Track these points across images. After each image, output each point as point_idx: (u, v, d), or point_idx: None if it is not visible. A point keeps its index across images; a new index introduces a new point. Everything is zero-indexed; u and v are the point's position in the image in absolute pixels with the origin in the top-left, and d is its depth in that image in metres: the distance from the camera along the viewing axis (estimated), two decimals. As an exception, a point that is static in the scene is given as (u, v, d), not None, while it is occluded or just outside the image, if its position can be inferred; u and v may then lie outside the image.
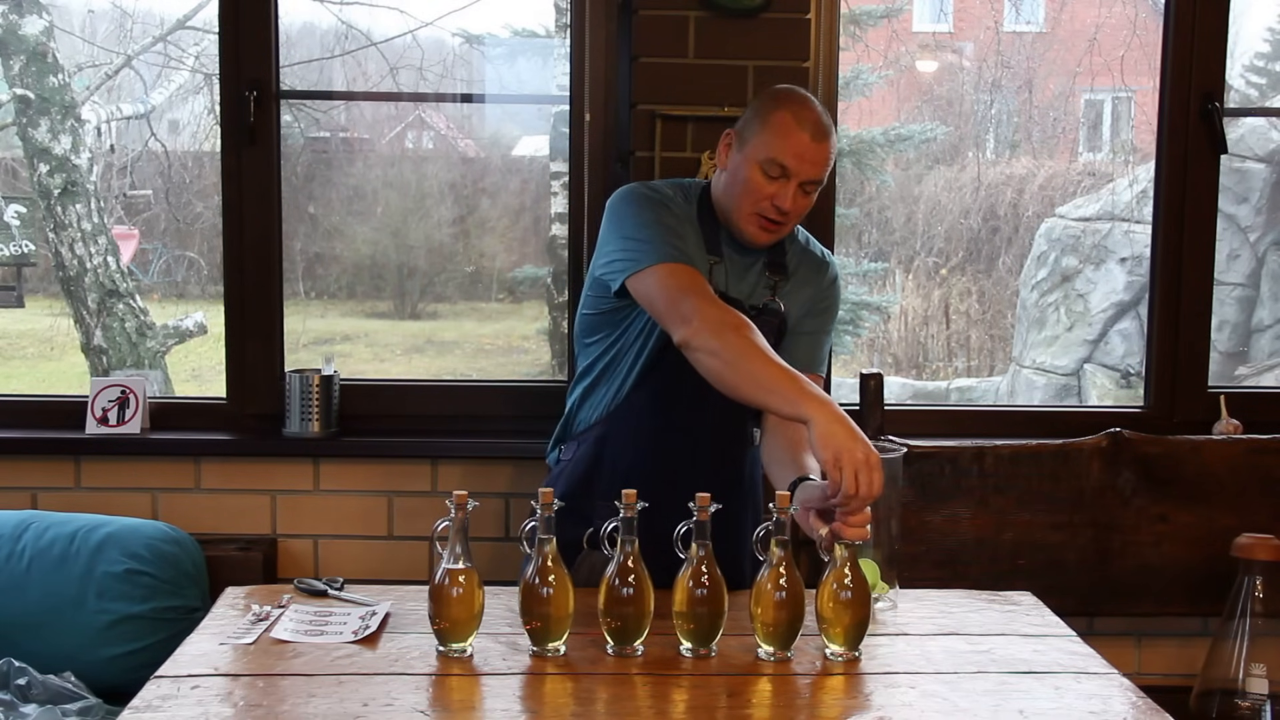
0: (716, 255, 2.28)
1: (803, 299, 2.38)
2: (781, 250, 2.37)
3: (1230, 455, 3.03)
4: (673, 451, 2.31)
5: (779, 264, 2.35)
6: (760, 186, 2.21)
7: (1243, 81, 6.69)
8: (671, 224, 2.24)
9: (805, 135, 2.19)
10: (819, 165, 2.21)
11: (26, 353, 6.10)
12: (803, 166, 2.19)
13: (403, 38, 4.73)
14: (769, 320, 2.32)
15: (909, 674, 1.89)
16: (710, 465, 2.30)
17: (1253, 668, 2.87)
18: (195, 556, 2.84)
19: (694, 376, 2.19)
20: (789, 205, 2.21)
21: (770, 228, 2.25)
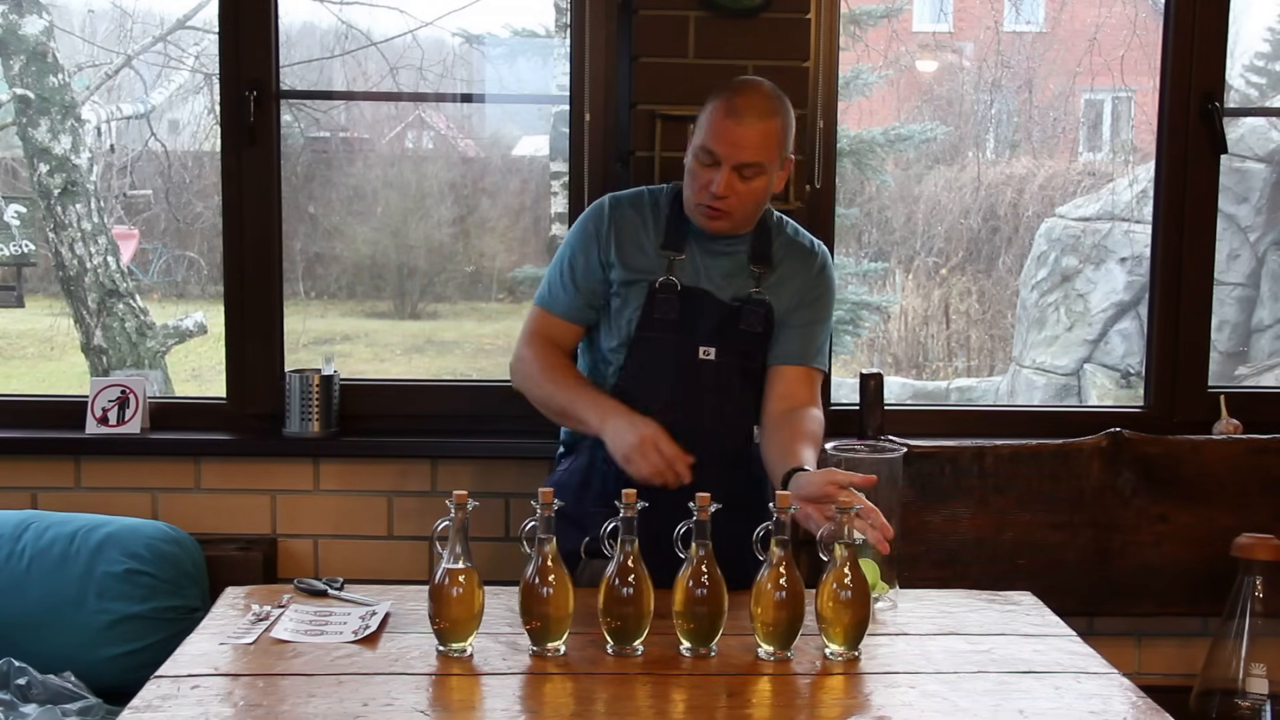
0: (676, 250, 2.31)
1: (792, 289, 2.37)
2: (766, 241, 2.36)
3: (1230, 455, 3.03)
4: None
5: (763, 255, 2.35)
6: (698, 175, 2.25)
7: (1243, 81, 6.69)
8: (577, 259, 2.37)
9: (731, 120, 2.21)
10: (746, 149, 2.21)
11: (26, 353, 6.10)
12: (729, 150, 2.21)
13: (403, 38, 4.74)
14: (755, 310, 2.32)
15: (909, 674, 1.89)
16: (708, 466, 2.28)
17: (1253, 668, 2.87)
18: (195, 556, 2.84)
19: (678, 379, 2.20)
20: (720, 190, 2.22)
21: (712, 214, 2.26)
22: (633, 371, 2.33)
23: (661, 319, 2.30)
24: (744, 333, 2.32)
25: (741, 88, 2.27)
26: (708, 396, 2.31)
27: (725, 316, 2.32)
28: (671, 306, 2.30)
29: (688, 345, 2.31)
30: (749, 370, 2.35)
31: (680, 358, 2.31)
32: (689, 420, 2.30)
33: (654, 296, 2.30)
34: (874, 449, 2.25)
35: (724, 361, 2.32)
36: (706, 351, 2.31)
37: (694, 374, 2.31)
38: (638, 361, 2.33)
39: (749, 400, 2.36)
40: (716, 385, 2.32)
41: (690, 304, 2.31)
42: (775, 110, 2.25)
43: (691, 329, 2.31)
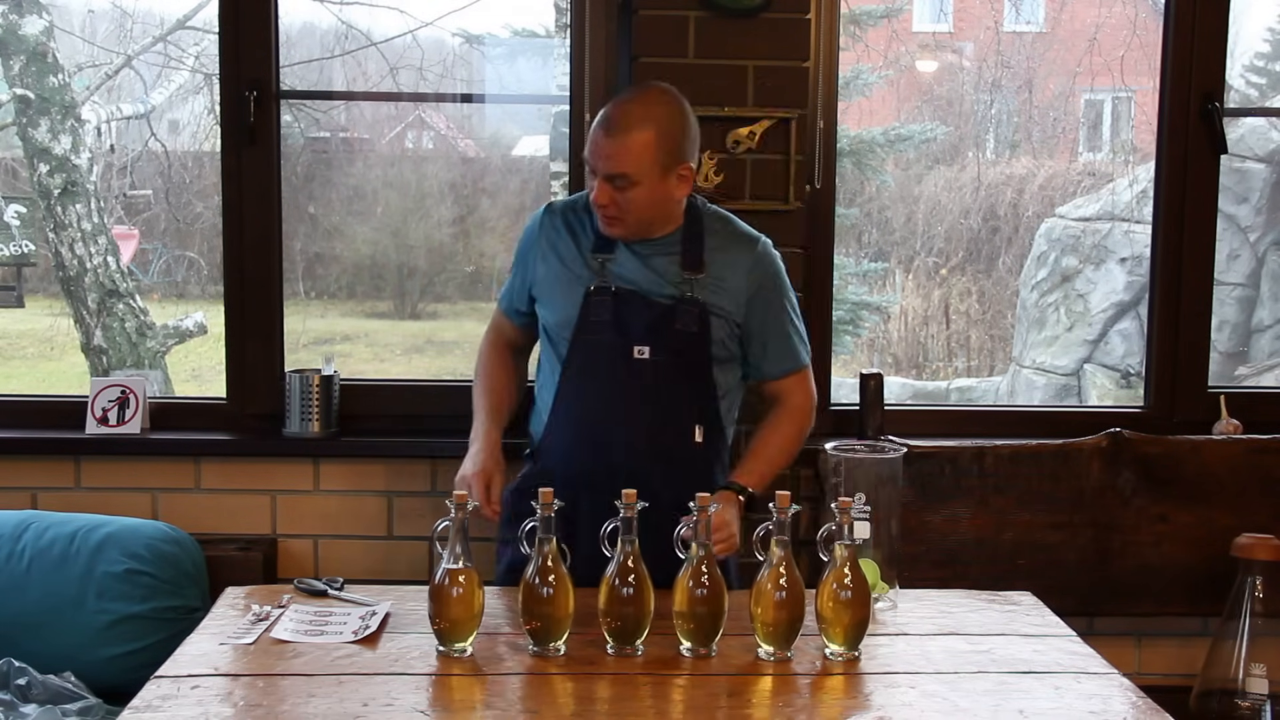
0: (608, 252, 2.36)
1: (735, 282, 2.37)
2: (698, 242, 2.37)
3: (1230, 455, 3.03)
4: (609, 459, 2.31)
5: (694, 257, 2.35)
6: (589, 184, 2.31)
7: (1243, 81, 6.69)
8: (518, 264, 2.50)
9: (600, 131, 2.27)
10: (610, 159, 2.24)
11: (26, 353, 6.10)
12: (597, 162, 2.27)
13: (403, 38, 4.74)
14: (689, 310, 2.33)
15: (909, 674, 1.89)
16: (648, 463, 2.29)
17: (1253, 668, 2.87)
18: (195, 556, 2.84)
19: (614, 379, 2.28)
20: (596, 199, 2.28)
21: (606, 221, 2.32)
22: (572, 373, 2.37)
23: (596, 320, 2.33)
24: (679, 332, 2.33)
25: (622, 98, 2.32)
26: (645, 395, 2.33)
27: (659, 316, 2.33)
28: (605, 308, 2.33)
29: (623, 345, 2.33)
30: (687, 368, 2.35)
31: (616, 358, 2.33)
32: (628, 419, 2.32)
33: (589, 299, 2.34)
34: (874, 449, 2.25)
35: (659, 360, 2.33)
36: (641, 351, 2.33)
37: (630, 373, 2.33)
38: (576, 363, 2.36)
39: (689, 398, 2.36)
40: (654, 384, 2.33)
41: (623, 305, 2.33)
42: (648, 120, 2.26)
43: (626, 329, 2.33)
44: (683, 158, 2.30)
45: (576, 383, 2.36)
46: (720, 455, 2.42)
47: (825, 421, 3.14)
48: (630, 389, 2.32)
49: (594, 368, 2.34)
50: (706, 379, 2.36)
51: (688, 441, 2.36)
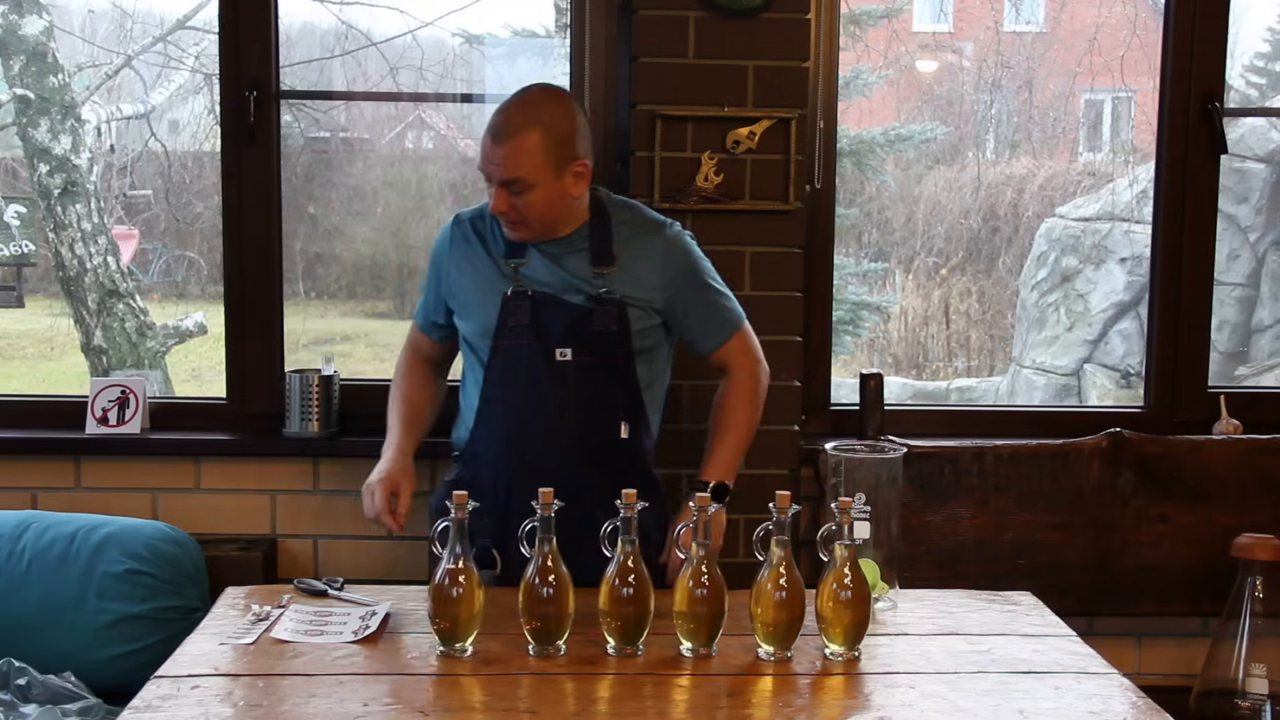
0: (519, 257, 2.36)
1: (648, 271, 2.37)
2: (605, 237, 2.37)
3: (1230, 455, 3.03)
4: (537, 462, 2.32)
5: (603, 252, 2.35)
6: (488, 191, 2.32)
7: (1243, 81, 6.69)
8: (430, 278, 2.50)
9: (488, 139, 2.28)
10: (500, 165, 2.25)
11: (26, 353, 6.10)
12: (491, 169, 2.27)
13: (403, 38, 4.73)
14: (607, 310, 2.33)
15: (909, 674, 1.89)
16: (578, 464, 2.30)
17: (1253, 668, 2.87)
18: (195, 556, 2.84)
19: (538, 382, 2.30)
20: (495, 207, 2.29)
21: (509, 226, 2.33)
22: (495, 380, 2.37)
23: (516, 325, 2.34)
24: (598, 333, 2.33)
25: (506, 106, 2.31)
26: (570, 397, 2.34)
27: (577, 318, 2.34)
28: (524, 312, 2.33)
29: (544, 349, 2.33)
30: (609, 366, 2.36)
31: (538, 361, 2.33)
32: (554, 422, 2.33)
33: (507, 304, 2.34)
34: (874, 449, 2.25)
35: (582, 361, 2.34)
36: (563, 353, 2.33)
37: (553, 376, 2.33)
38: (498, 370, 2.36)
39: (613, 395, 2.37)
40: (578, 385, 2.34)
41: (541, 308, 2.34)
42: (534, 123, 2.25)
43: (545, 332, 2.33)
44: (575, 155, 2.30)
45: (500, 388, 2.36)
46: (645, 445, 2.43)
47: (825, 421, 3.14)
48: (554, 392, 2.33)
49: (517, 372, 2.34)
50: (630, 374, 2.37)
51: (614, 438, 2.37)
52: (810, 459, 2.96)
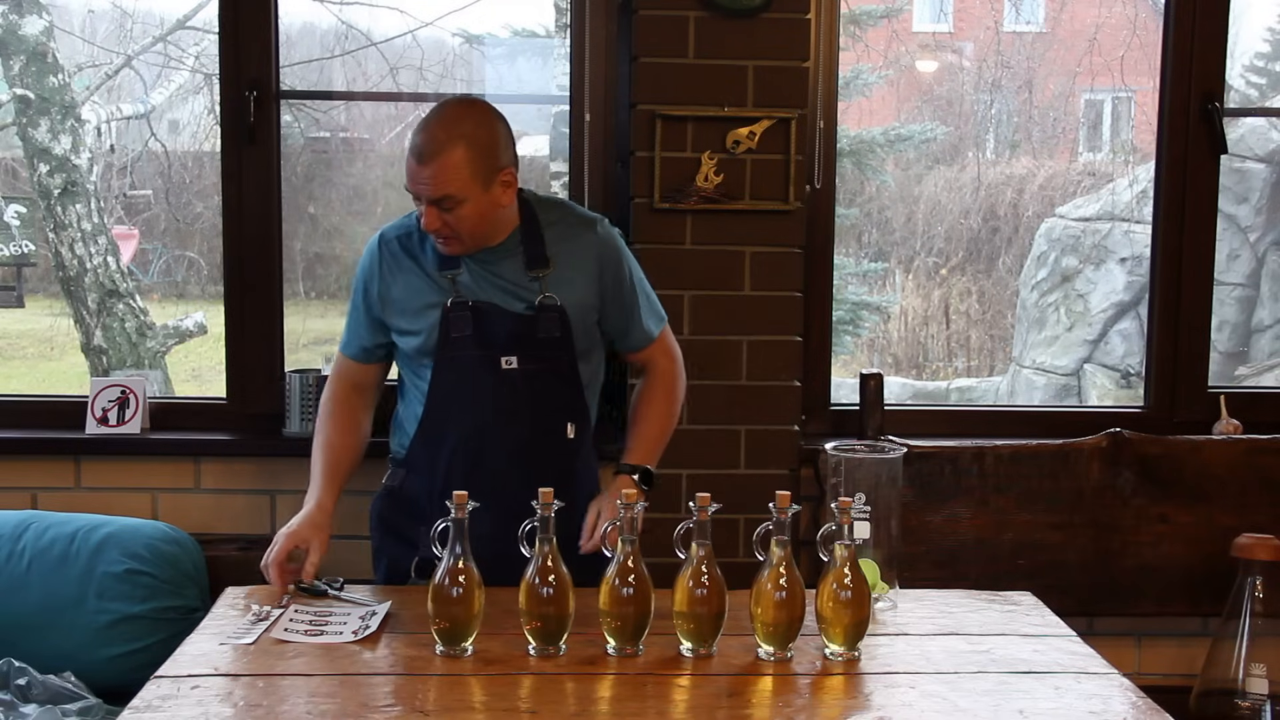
0: (455, 267, 2.34)
1: (583, 269, 2.36)
2: (537, 241, 2.35)
3: (1230, 455, 3.03)
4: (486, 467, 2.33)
5: (537, 256, 2.34)
6: (419, 210, 2.29)
7: (1243, 81, 6.69)
8: (359, 302, 2.45)
9: (413, 160, 2.24)
10: (429, 185, 2.22)
11: (26, 353, 6.10)
12: (419, 189, 2.24)
13: (403, 38, 4.73)
14: (549, 316, 2.33)
15: (909, 674, 1.89)
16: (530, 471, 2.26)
17: (1253, 668, 2.87)
18: (195, 556, 2.84)
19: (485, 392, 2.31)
20: (428, 225, 2.26)
21: (443, 244, 2.31)
22: (441, 392, 2.35)
23: (459, 336, 2.32)
24: (542, 340, 2.33)
25: (426, 123, 2.27)
26: (519, 404, 2.34)
27: (520, 326, 2.33)
28: (466, 323, 2.32)
29: (489, 358, 2.32)
30: (555, 372, 2.36)
31: (484, 371, 2.33)
32: (504, 429, 2.33)
33: (448, 315, 2.33)
34: (874, 449, 2.25)
35: (528, 369, 2.33)
36: (509, 361, 2.32)
37: (501, 384, 2.33)
38: (443, 382, 2.35)
39: (561, 400, 2.37)
40: (526, 393, 2.33)
41: (482, 317, 2.33)
42: (456, 138, 2.23)
43: (489, 342, 2.32)
44: (500, 165, 2.28)
45: (446, 399, 2.35)
46: (587, 442, 2.44)
47: (825, 421, 3.15)
48: (502, 400, 2.33)
49: (463, 383, 2.34)
50: (574, 377, 2.38)
51: (561, 440, 2.37)
52: (810, 459, 2.96)
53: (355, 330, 2.46)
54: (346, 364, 2.47)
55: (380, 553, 2.49)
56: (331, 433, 2.42)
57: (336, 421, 2.44)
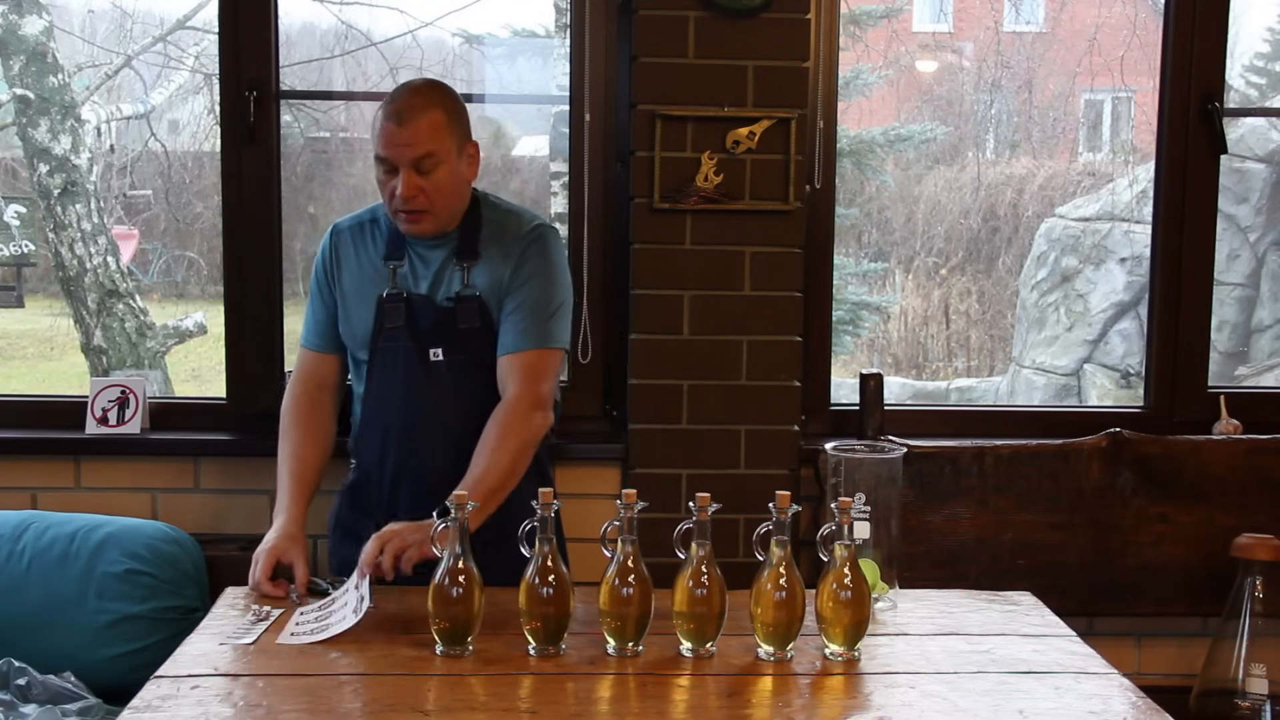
0: (398, 258, 2.36)
1: (503, 263, 2.35)
2: (472, 233, 2.36)
3: (1230, 455, 3.03)
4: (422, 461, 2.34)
5: (468, 248, 2.35)
6: (384, 185, 2.31)
7: (1243, 81, 6.69)
8: (315, 292, 2.46)
9: (390, 124, 2.27)
10: (408, 145, 2.25)
11: (26, 353, 6.10)
12: (399, 151, 2.26)
13: (403, 38, 4.74)
14: (469, 306, 2.32)
15: (909, 674, 1.89)
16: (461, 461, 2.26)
17: (1253, 668, 2.87)
18: (195, 556, 2.84)
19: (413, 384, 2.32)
20: (405, 192, 2.27)
21: (413, 218, 2.30)
22: (373, 385, 2.38)
23: (391, 327, 2.34)
24: (464, 331, 2.33)
25: (397, 94, 2.32)
26: (446, 397, 2.34)
27: (443, 317, 2.34)
28: (399, 314, 2.34)
29: (418, 350, 2.34)
30: (481, 364, 2.35)
31: (413, 362, 2.34)
32: (433, 422, 2.34)
33: (382, 307, 2.35)
34: (874, 449, 2.25)
35: (454, 361, 2.34)
36: (435, 353, 2.34)
37: (428, 377, 2.34)
38: (376, 374, 2.37)
39: (488, 394, 2.34)
40: (453, 386, 2.34)
41: (414, 309, 2.34)
42: (433, 102, 2.30)
43: (419, 333, 2.34)
44: (468, 136, 2.36)
45: (380, 390, 2.37)
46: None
47: (825, 421, 3.14)
48: (430, 392, 2.34)
49: (395, 374, 2.35)
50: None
51: None
52: (810, 459, 2.96)
53: (313, 318, 2.48)
54: (307, 357, 2.49)
55: (333, 555, 2.51)
56: (296, 441, 2.43)
57: (301, 427, 2.44)
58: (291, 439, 2.43)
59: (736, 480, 2.90)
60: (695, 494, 1.93)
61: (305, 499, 2.39)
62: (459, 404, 2.34)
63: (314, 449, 2.44)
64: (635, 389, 2.91)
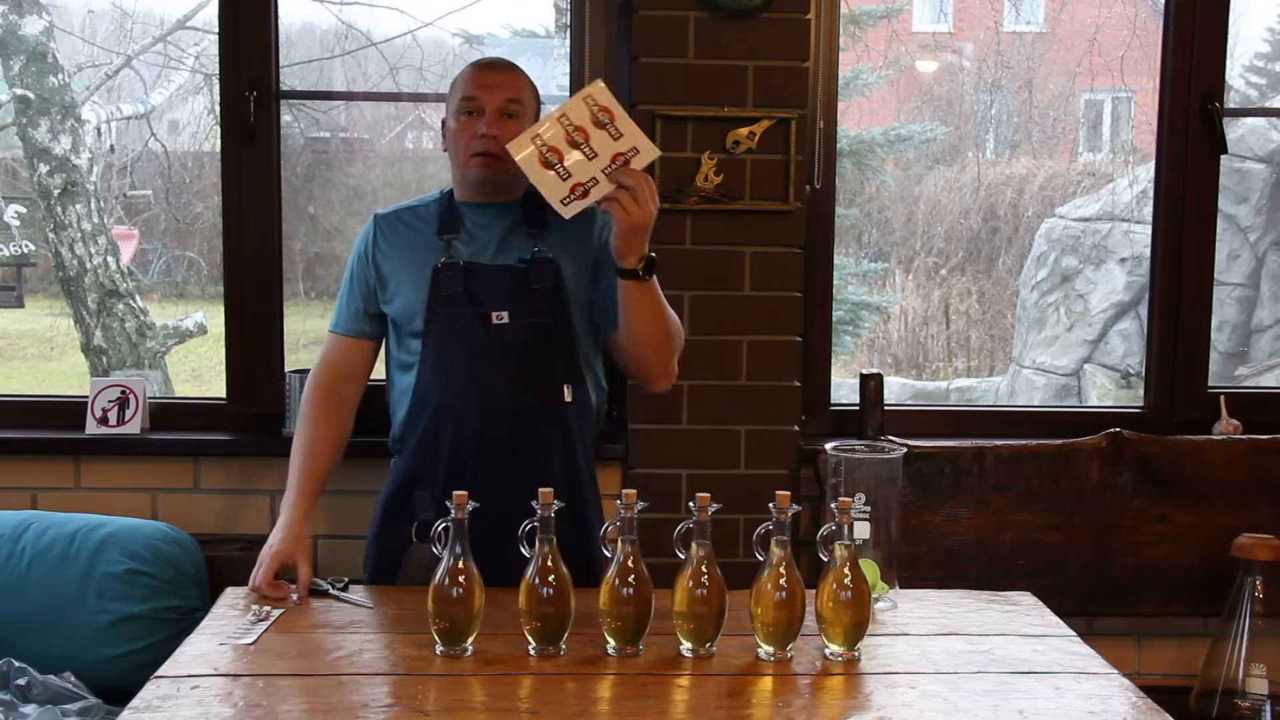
0: (452, 232, 2.37)
1: (582, 232, 2.35)
2: (535, 202, 2.31)
3: (1230, 455, 3.03)
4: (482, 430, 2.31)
5: (535, 217, 2.35)
6: (465, 128, 2.34)
7: (1243, 81, 6.69)
8: (354, 276, 2.45)
9: (481, 70, 2.37)
10: (505, 88, 2.33)
11: (26, 353, 6.10)
12: (489, 94, 2.32)
13: (403, 38, 4.74)
14: (543, 268, 2.32)
15: (909, 674, 1.89)
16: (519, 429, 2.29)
17: (1253, 668, 2.87)
18: (195, 556, 2.84)
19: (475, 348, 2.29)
20: (492, 129, 2.30)
21: (488, 160, 2.32)
22: (430, 354, 2.34)
23: (449, 294, 2.32)
24: (536, 291, 2.32)
25: (484, 58, 2.44)
26: (509, 360, 2.32)
27: (514, 279, 2.33)
28: (456, 281, 2.32)
29: (480, 314, 2.31)
30: (547, 328, 2.34)
31: (474, 326, 2.31)
32: (496, 386, 2.30)
33: (438, 275, 2.33)
34: (874, 449, 2.25)
35: (519, 323, 2.32)
36: (500, 316, 2.31)
37: (490, 340, 2.31)
38: (433, 342, 2.33)
39: (554, 356, 2.34)
40: (516, 347, 2.31)
41: (473, 276, 2.33)
42: (520, 69, 2.40)
43: (480, 299, 2.31)
44: (539, 111, 2.41)
45: (438, 360, 2.33)
46: (588, 416, 2.39)
47: (825, 421, 3.15)
48: (493, 355, 2.30)
49: (454, 341, 2.32)
50: (569, 336, 2.35)
51: (558, 400, 2.34)
52: (810, 459, 2.96)
53: (348, 303, 2.45)
54: (336, 344, 2.47)
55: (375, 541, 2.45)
56: (313, 431, 2.42)
57: (318, 417, 2.43)
58: (308, 430, 2.42)
59: (736, 480, 2.90)
60: (695, 494, 1.93)
61: (313, 494, 2.38)
62: (522, 366, 2.31)
63: (329, 441, 2.42)
64: (635, 389, 2.91)
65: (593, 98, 2.12)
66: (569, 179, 2.14)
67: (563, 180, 2.14)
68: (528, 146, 2.13)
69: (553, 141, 2.13)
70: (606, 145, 2.13)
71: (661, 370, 2.36)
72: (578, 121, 2.13)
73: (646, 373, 2.38)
